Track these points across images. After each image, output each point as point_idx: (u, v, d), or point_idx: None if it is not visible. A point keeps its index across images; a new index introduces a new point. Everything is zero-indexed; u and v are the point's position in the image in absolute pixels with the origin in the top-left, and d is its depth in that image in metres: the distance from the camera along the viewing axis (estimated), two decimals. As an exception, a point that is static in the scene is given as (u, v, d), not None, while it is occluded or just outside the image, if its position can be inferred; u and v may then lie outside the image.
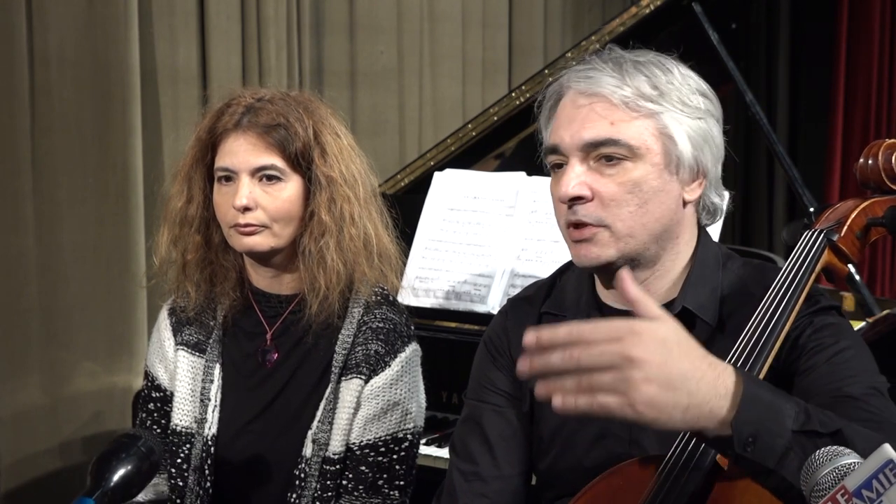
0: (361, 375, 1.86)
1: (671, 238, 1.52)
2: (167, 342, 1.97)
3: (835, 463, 1.06)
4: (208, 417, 1.90)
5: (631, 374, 1.13)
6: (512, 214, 2.65)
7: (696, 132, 1.50)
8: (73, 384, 3.10)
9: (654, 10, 2.95)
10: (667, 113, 1.47)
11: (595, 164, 1.48)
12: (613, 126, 1.46)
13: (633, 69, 1.49)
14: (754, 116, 2.88)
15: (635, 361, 1.13)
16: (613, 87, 1.47)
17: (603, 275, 1.56)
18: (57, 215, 3.00)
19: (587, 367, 1.13)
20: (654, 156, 1.47)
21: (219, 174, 1.86)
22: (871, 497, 0.96)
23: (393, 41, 4.25)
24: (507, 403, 1.65)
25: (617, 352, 1.13)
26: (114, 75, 3.07)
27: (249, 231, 1.83)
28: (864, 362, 1.44)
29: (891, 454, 0.95)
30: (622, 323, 1.16)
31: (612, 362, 1.13)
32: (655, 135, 1.47)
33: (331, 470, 1.85)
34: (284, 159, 1.83)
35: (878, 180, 1.65)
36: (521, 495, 1.64)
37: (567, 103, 1.51)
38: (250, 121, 1.83)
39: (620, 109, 1.46)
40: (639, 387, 1.13)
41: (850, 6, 5.44)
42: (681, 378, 1.15)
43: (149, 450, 1.46)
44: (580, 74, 1.50)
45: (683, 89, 1.50)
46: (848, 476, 0.99)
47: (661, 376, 1.13)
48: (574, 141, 1.48)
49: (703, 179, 1.53)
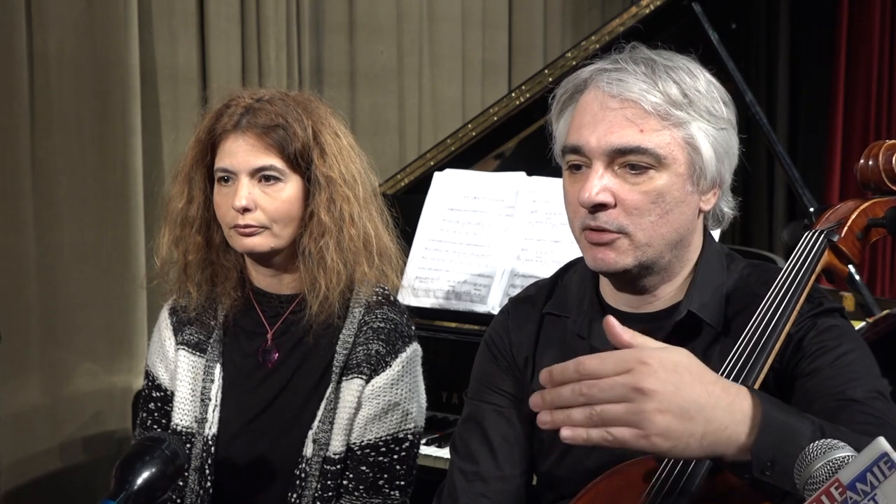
0: (362, 375, 1.86)
1: (684, 246, 1.51)
2: (168, 342, 1.97)
3: (829, 456, 1.06)
4: (209, 417, 1.90)
5: (643, 406, 1.11)
6: (512, 214, 2.65)
7: (720, 143, 1.48)
8: (73, 384, 3.10)
9: (654, 10, 2.95)
10: (694, 123, 1.45)
11: (620, 170, 1.45)
12: (643, 134, 1.43)
13: (664, 74, 1.45)
14: (754, 116, 2.88)
15: (646, 392, 1.11)
16: (645, 92, 1.43)
17: (614, 279, 1.54)
18: (57, 215, 3.00)
19: (599, 400, 1.12)
20: (679, 166, 1.45)
21: (218, 175, 1.86)
22: (865, 490, 0.96)
23: (393, 41, 4.25)
24: (508, 404, 1.65)
25: (627, 384, 1.12)
26: (113, 75, 3.07)
27: (249, 232, 1.83)
28: (866, 366, 1.43)
29: (885, 447, 0.95)
30: (630, 353, 1.14)
31: (623, 395, 1.12)
32: (682, 145, 1.45)
33: (331, 470, 1.85)
34: (283, 160, 1.83)
35: (879, 181, 1.65)
36: (521, 496, 1.64)
37: (593, 102, 1.47)
38: (249, 122, 1.82)
39: (652, 117, 1.43)
40: (652, 418, 1.11)
41: (850, 6, 5.44)
42: (695, 406, 1.13)
43: (173, 453, 1.46)
44: (610, 75, 1.46)
45: (709, 97, 1.47)
46: (842, 469, 0.99)
47: (674, 406, 1.12)
48: (601, 145, 1.44)
49: (719, 190, 1.52)
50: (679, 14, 2.97)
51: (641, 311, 1.55)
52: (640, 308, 1.55)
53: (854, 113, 5.48)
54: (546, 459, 1.61)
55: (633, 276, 1.50)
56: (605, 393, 1.12)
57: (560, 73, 2.98)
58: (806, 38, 5.66)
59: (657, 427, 1.11)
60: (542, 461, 1.63)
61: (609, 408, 1.12)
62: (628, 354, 1.14)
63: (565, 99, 1.54)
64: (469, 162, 3.16)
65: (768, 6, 5.62)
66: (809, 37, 5.64)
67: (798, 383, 1.43)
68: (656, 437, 1.12)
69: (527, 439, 1.64)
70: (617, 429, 1.12)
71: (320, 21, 3.97)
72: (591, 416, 1.12)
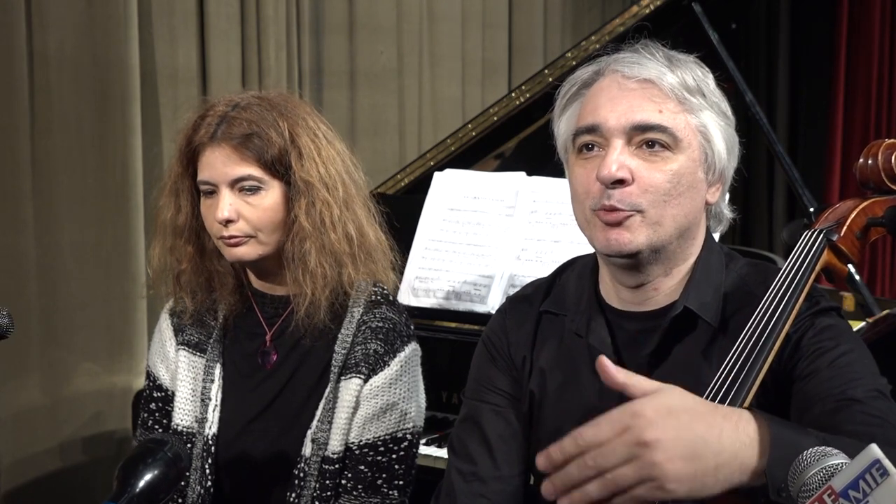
0: (360, 375, 1.86)
1: (689, 237, 1.52)
2: (168, 342, 1.98)
3: (822, 463, 1.06)
4: (209, 417, 1.90)
5: (651, 458, 1.09)
6: (512, 214, 2.65)
7: (728, 137, 1.51)
8: (73, 384, 3.10)
9: (654, 10, 2.95)
10: (707, 112, 1.48)
11: (637, 149, 1.46)
12: (662, 114, 1.45)
13: (679, 62, 1.50)
14: (754, 116, 2.88)
15: (649, 444, 1.09)
16: (662, 74, 1.47)
17: (622, 265, 1.52)
18: (57, 215, 3.00)
19: (607, 467, 1.10)
20: (693, 150, 1.47)
21: (201, 187, 1.85)
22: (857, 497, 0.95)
23: (393, 41, 4.25)
24: (506, 404, 1.65)
25: (628, 441, 1.09)
26: (113, 75, 3.07)
27: (235, 242, 1.82)
28: (865, 365, 1.43)
29: (877, 454, 0.95)
30: (622, 410, 1.12)
31: (628, 454, 1.09)
32: (695, 131, 1.48)
33: (330, 469, 1.85)
34: (262, 168, 1.82)
35: (878, 180, 1.65)
36: (519, 496, 1.64)
37: (609, 84, 1.49)
38: (224, 132, 1.81)
39: (670, 99, 1.46)
40: (663, 467, 1.09)
41: (850, 6, 5.45)
42: (701, 442, 1.11)
43: (175, 456, 1.45)
44: (627, 60, 1.49)
45: (718, 95, 1.52)
46: (835, 476, 0.99)
47: (679, 449, 1.10)
48: (621, 122, 1.45)
49: (721, 185, 1.54)
50: (679, 14, 2.97)
51: (639, 310, 1.55)
52: (637, 306, 1.55)
53: (854, 113, 5.48)
54: (544, 459, 1.61)
55: (641, 261, 1.49)
56: (610, 458, 1.09)
57: (560, 73, 2.98)
58: (806, 38, 5.67)
59: (670, 475, 1.09)
60: (539, 461, 1.62)
61: (620, 472, 1.09)
62: (620, 413, 1.12)
63: (571, 94, 1.55)
64: (469, 162, 3.16)
65: (768, 6, 5.62)
66: (809, 37, 5.65)
67: (797, 385, 1.42)
68: (672, 485, 1.09)
69: (525, 439, 1.64)
70: (635, 490, 1.10)
71: (320, 21, 3.97)
72: (607, 485, 1.10)
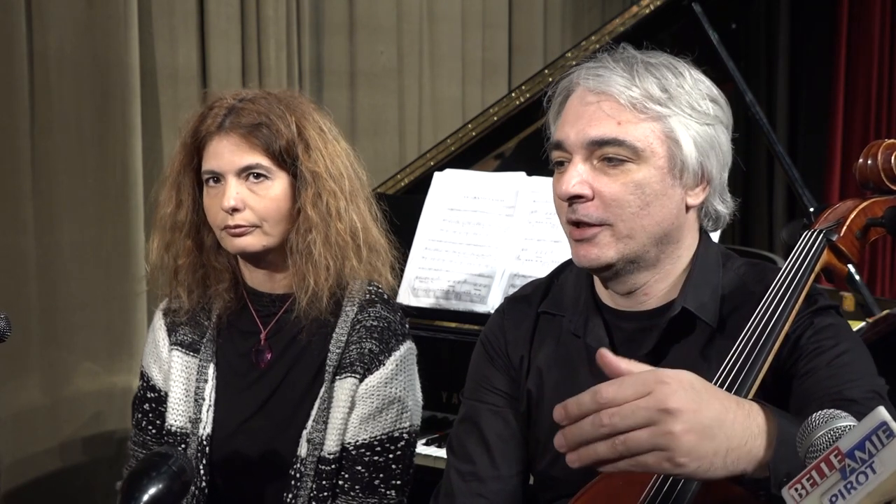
0: (356, 374, 1.86)
1: (672, 242, 1.52)
2: (161, 342, 1.97)
3: (830, 425, 1.06)
4: (203, 417, 1.90)
5: (670, 427, 1.07)
6: (512, 214, 2.65)
7: (703, 138, 1.49)
8: (73, 384, 3.10)
9: (654, 10, 2.95)
10: (674, 117, 1.46)
11: (598, 163, 1.47)
12: (620, 126, 1.45)
13: (643, 70, 1.48)
14: (754, 116, 2.88)
15: (672, 412, 1.07)
16: (622, 87, 1.46)
17: (602, 276, 1.55)
18: (57, 215, 3.00)
19: (622, 428, 1.08)
20: (658, 159, 1.46)
21: (206, 177, 1.86)
22: (863, 458, 0.96)
23: (393, 41, 4.25)
24: (504, 403, 1.65)
25: (651, 406, 1.07)
26: (113, 75, 3.07)
27: (240, 232, 1.83)
28: (863, 365, 1.43)
29: (885, 416, 0.96)
30: (647, 374, 1.10)
31: (647, 418, 1.07)
32: (661, 138, 1.46)
33: (326, 469, 1.85)
34: (269, 157, 1.83)
35: (878, 180, 1.65)
36: (518, 496, 1.64)
37: (575, 100, 1.51)
38: (232, 122, 1.83)
39: (628, 110, 1.45)
40: (680, 438, 1.07)
41: (850, 6, 5.45)
42: (717, 423, 1.11)
43: (180, 469, 1.45)
44: (590, 72, 1.49)
45: (693, 94, 1.49)
46: (842, 437, 0.99)
47: (698, 424, 1.09)
48: (579, 138, 1.47)
49: (707, 185, 1.52)
50: (679, 14, 2.97)
51: (635, 310, 1.55)
52: (634, 306, 1.55)
53: (854, 113, 5.48)
54: (542, 459, 1.61)
55: (619, 271, 1.51)
56: (628, 419, 1.08)
57: (560, 73, 2.97)
58: (806, 38, 5.66)
59: (683, 447, 1.08)
60: (537, 461, 1.63)
61: (634, 435, 1.08)
62: (645, 375, 1.10)
63: (559, 102, 1.56)
64: (469, 162, 3.16)
65: (768, 6, 5.62)
66: (809, 37, 5.65)
67: (795, 383, 1.43)
68: (682, 458, 1.08)
69: (523, 438, 1.64)
70: (643, 456, 1.08)
71: (320, 21, 3.97)
72: (617, 446, 1.08)
